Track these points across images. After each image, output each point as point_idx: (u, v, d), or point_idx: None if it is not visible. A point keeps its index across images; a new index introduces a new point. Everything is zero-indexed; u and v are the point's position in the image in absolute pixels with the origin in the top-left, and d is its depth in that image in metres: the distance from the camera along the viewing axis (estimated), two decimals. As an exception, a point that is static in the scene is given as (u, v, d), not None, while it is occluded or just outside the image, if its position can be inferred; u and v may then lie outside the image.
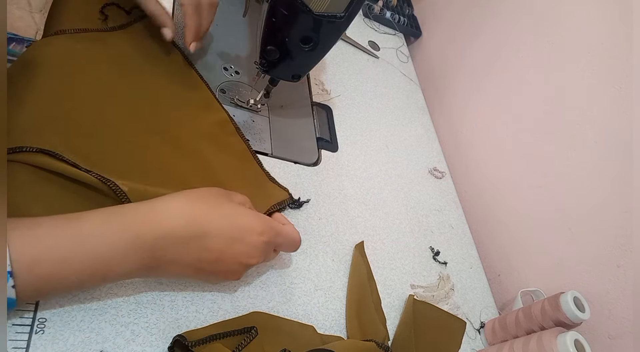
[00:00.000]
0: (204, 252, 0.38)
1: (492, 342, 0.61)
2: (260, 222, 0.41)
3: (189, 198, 0.38)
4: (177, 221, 0.36)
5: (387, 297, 0.58)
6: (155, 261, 0.36)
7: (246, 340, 0.41)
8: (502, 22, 0.84)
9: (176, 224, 0.36)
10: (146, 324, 0.40)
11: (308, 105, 0.73)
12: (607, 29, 0.65)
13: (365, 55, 0.92)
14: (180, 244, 0.36)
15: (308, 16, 0.48)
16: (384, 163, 0.75)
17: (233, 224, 0.39)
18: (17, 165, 0.38)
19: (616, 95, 0.63)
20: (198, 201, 0.39)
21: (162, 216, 0.36)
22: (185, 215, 0.37)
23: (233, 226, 0.39)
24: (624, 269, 0.59)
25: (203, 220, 0.38)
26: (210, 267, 0.39)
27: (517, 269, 0.75)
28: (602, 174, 0.64)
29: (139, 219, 0.35)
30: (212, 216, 0.38)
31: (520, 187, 0.77)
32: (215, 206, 0.39)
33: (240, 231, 0.39)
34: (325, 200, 0.62)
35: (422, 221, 0.71)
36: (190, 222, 0.37)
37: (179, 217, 0.36)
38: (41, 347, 0.35)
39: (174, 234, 0.36)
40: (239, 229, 0.39)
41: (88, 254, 0.33)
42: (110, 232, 0.34)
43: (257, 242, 0.41)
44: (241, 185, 0.52)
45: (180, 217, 0.37)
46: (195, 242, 0.37)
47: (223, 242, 0.38)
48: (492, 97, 0.85)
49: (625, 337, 0.58)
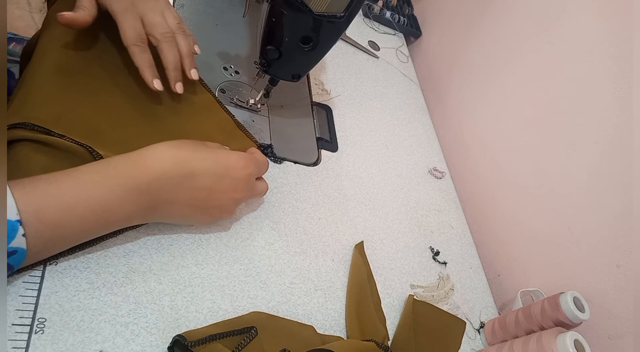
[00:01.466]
0: (195, 191, 0.41)
1: (492, 343, 0.61)
2: (240, 157, 0.45)
3: (172, 145, 0.41)
4: (166, 163, 0.39)
5: (387, 297, 0.58)
6: (153, 202, 0.39)
7: (246, 340, 0.41)
8: (502, 22, 0.84)
9: (165, 166, 0.39)
10: (146, 324, 0.40)
11: (308, 105, 0.73)
12: (607, 29, 0.65)
13: (365, 55, 0.92)
14: (172, 185, 0.40)
15: (308, 16, 0.48)
16: (384, 163, 0.75)
17: (217, 163, 0.43)
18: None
19: (616, 95, 0.63)
20: (180, 146, 0.41)
21: (151, 160, 0.39)
22: (172, 158, 0.40)
23: (218, 164, 0.43)
24: (624, 269, 0.59)
25: (188, 161, 0.41)
26: (203, 204, 0.43)
27: (517, 269, 0.75)
28: (602, 174, 0.64)
29: (131, 166, 0.38)
30: (196, 157, 0.41)
31: (520, 187, 0.77)
32: (196, 150, 0.42)
33: (225, 168, 0.43)
34: (325, 200, 0.62)
35: (422, 221, 0.71)
36: (178, 163, 0.40)
37: (167, 160, 0.39)
38: (41, 347, 0.35)
39: (165, 176, 0.39)
40: (223, 166, 0.43)
41: (89, 200, 0.35)
42: (107, 179, 0.36)
43: (242, 175, 0.45)
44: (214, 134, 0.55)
45: (168, 160, 0.40)
46: (186, 182, 0.40)
47: (210, 180, 0.42)
48: (492, 97, 0.85)
49: (625, 337, 0.58)
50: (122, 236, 0.43)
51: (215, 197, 0.43)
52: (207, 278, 0.46)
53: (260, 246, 0.52)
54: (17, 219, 0.31)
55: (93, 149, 0.42)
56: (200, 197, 0.42)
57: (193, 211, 0.43)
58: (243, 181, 0.45)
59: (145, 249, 0.44)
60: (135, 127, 0.49)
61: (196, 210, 0.43)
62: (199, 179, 0.41)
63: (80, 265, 0.40)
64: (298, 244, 0.55)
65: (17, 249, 0.32)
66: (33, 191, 0.33)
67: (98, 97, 0.47)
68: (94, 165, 0.37)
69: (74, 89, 0.46)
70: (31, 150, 0.40)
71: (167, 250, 0.45)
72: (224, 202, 0.45)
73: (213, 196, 0.43)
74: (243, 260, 0.49)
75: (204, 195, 0.42)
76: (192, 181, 0.41)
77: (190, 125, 0.54)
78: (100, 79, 0.49)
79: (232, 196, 0.45)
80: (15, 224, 0.31)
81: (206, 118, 0.56)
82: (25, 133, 0.40)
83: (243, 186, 0.45)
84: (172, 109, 0.53)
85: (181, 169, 0.40)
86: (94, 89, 0.48)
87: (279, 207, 0.57)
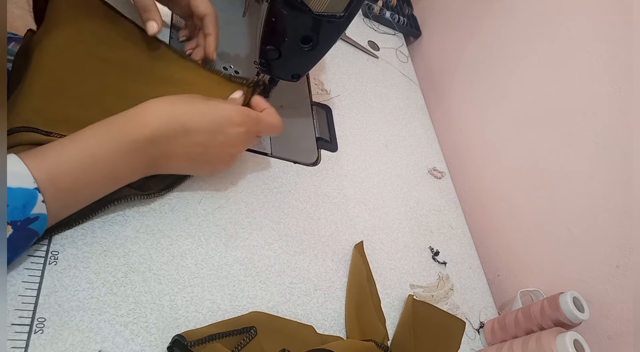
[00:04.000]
0: (191, 147, 0.43)
1: (492, 343, 0.61)
2: (238, 113, 0.45)
3: (167, 101, 0.42)
4: (161, 119, 0.40)
5: (387, 297, 0.58)
6: (153, 159, 0.41)
7: (245, 340, 0.41)
8: (501, 22, 0.84)
9: (160, 123, 0.40)
10: (145, 324, 0.40)
11: (307, 105, 0.73)
12: (607, 29, 0.65)
13: (365, 55, 0.92)
14: (168, 141, 0.41)
15: (308, 16, 0.48)
16: (384, 163, 0.75)
17: (211, 119, 0.43)
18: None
19: (616, 95, 0.63)
20: (175, 102, 0.42)
21: (147, 117, 0.40)
22: (167, 113, 0.41)
23: (212, 120, 0.43)
24: (623, 269, 0.59)
25: (182, 117, 0.41)
26: (200, 158, 0.44)
27: (517, 269, 0.75)
28: (602, 174, 0.64)
29: (129, 123, 0.39)
30: (191, 113, 0.42)
31: (519, 187, 0.77)
32: (193, 104, 0.43)
33: (219, 124, 0.44)
34: (324, 200, 0.62)
35: (422, 221, 0.71)
36: (172, 119, 0.41)
37: (161, 115, 0.40)
38: (40, 347, 0.35)
39: (160, 132, 0.40)
40: (217, 122, 0.44)
41: (98, 164, 0.37)
42: (111, 140, 0.38)
43: (237, 132, 0.45)
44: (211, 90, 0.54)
45: (162, 115, 0.41)
46: (181, 138, 0.42)
47: (204, 136, 0.43)
48: (492, 97, 0.85)
49: (624, 337, 0.58)
50: (122, 236, 0.43)
51: (212, 151, 0.45)
52: (206, 278, 0.46)
53: (260, 246, 0.52)
54: (35, 187, 0.33)
55: None
56: (197, 152, 0.43)
57: (191, 164, 0.45)
58: (239, 137, 0.46)
59: (145, 249, 0.44)
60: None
61: (194, 163, 0.45)
62: (193, 134, 0.42)
63: (79, 265, 0.40)
64: (298, 244, 0.55)
65: (39, 215, 0.34)
66: (45, 160, 0.35)
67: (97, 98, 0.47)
68: (96, 126, 0.39)
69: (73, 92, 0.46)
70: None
71: (167, 250, 0.45)
72: (221, 156, 0.46)
73: (209, 151, 0.44)
74: (243, 260, 0.49)
75: (199, 150, 0.43)
76: (186, 136, 0.42)
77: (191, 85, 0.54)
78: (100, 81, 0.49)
79: (228, 151, 0.46)
80: (34, 192, 0.33)
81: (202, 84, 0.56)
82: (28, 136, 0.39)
83: (238, 141, 0.46)
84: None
85: (175, 125, 0.41)
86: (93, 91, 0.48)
87: (279, 207, 0.57)
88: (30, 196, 0.33)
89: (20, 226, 0.33)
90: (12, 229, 0.33)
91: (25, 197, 0.33)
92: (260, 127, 0.49)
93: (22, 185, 0.33)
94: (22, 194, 0.33)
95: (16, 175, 0.33)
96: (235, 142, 0.46)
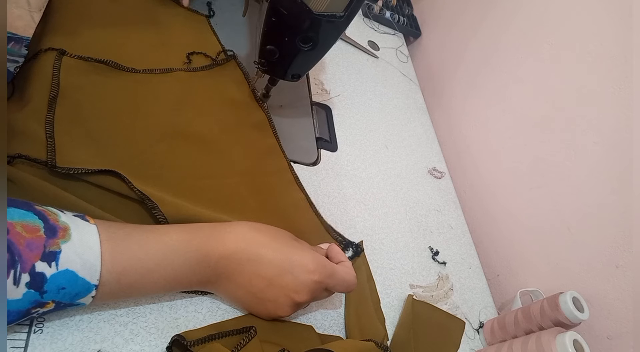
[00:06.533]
0: (255, 278, 0.41)
1: (491, 342, 0.61)
2: (314, 261, 0.43)
3: (254, 227, 0.42)
4: (240, 243, 0.40)
5: (386, 297, 0.58)
6: (216, 275, 0.40)
7: (245, 340, 0.41)
8: (501, 22, 0.84)
9: (238, 246, 0.40)
10: (145, 324, 0.40)
11: (307, 105, 0.73)
12: (607, 29, 0.65)
13: (365, 55, 0.92)
14: (236, 264, 0.40)
15: (307, 16, 0.48)
16: (384, 163, 0.75)
17: (286, 257, 0.42)
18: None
19: (616, 95, 0.63)
20: (262, 231, 0.42)
21: (229, 237, 0.40)
22: (248, 239, 0.41)
23: (286, 259, 0.42)
24: (623, 269, 0.59)
25: (260, 247, 0.41)
26: (260, 294, 0.42)
27: (516, 269, 0.75)
28: (601, 174, 0.64)
29: (212, 239, 0.39)
30: (270, 246, 0.42)
31: (519, 187, 0.77)
32: (275, 239, 0.43)
33: (291, 265, 0.42)
34: (324, 200, 0.62)
35: (422, 221, 0.71)
36: (250, 246, 0.41)
37: (242, 240, 0.41)
38: (39, 346, 0.35)
39: (234, 255, 0.40)
40: (290, 262, 0.42)
41: (168, 268, 0.36)
42: (190, 248, 0.38)
43: (307, 279, 0.42)
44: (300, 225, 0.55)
45: (243, 241, 0.41)
46: (250, 265, 0.40)
47: (273, 271, 0.41)
48: (491, 97, 0.85)
49: (624, 337, 0.58)
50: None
51: (273, 290, 0.41)
52: (206, 278, 0.46)
53: (260, 246, 0.51)
54: (96, 284, 0.33)
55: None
56: (258, 286, 0.41)
57: (248, 297, 0.42)
58: (307, 285, 0.42)
59: (144, 249, 0.44)
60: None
61: (251, 297, 0.42)
62: (262, 266, 0.41)
63: (79, 264, 0.40)
64: (297, 243, 0.55)
65: (78, 304, 0.33)
66: (124, 253, 0.34)
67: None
68: (183, 230, 0.39)
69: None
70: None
71: (166, 250, 0.45)
72: (280, 298, 0.42)
73: (271, 289, 0.41)
74: (242, 260, 0.49)
75: (262, 284, 0.41)
76: (255, 265, 0.40)
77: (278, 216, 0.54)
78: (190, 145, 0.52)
79: (291, 296, 0.42)
80: (92, 287, 0.33)
81: (292, 211, 0.56)
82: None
83: (305, 289, 0.42)
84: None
85: (250, 252, 0.40)
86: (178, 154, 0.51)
87: (279, 207, 0.57)
88: (86, 289, 0.32)
89: (62, 306, 0.33)
90: (54, 306, 0.32)
91: (81, 288, 0.32)
92: (332, 282, 0.44)
93: (86, 277, 0.32)
94: (81, 285, 0.32)
95: (87, 266, 0.32)
96: (301, 288, 0.42)
